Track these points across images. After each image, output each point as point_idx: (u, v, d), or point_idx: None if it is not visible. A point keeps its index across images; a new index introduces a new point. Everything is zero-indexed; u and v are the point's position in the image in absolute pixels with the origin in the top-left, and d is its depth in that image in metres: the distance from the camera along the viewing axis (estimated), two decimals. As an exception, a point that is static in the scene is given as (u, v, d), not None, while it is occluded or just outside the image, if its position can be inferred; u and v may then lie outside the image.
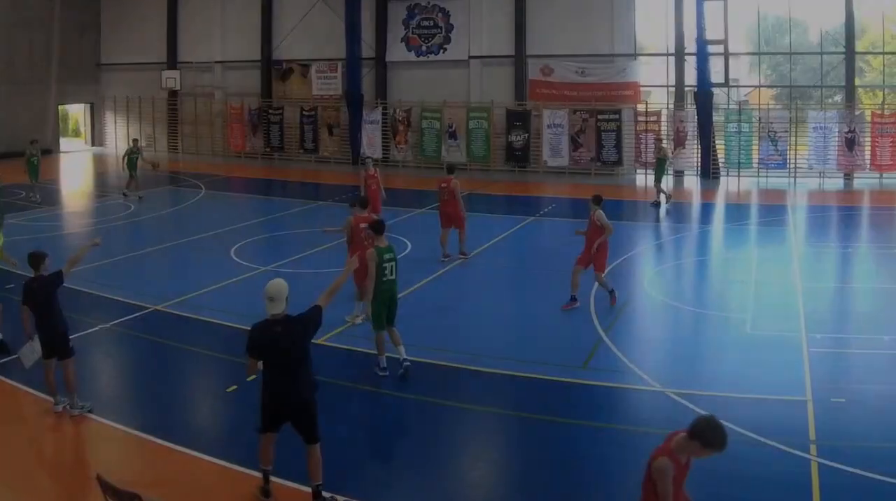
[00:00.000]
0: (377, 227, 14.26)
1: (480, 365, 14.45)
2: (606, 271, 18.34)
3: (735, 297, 18.80)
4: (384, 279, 13.71)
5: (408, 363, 13.89)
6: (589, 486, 10.49)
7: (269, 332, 9.25)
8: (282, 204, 32.95)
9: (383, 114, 43.38)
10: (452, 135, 41.85)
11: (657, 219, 29.85)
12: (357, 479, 10.60)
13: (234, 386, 13.41)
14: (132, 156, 32.92)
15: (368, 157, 28.29)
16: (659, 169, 32.25)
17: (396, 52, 43.86)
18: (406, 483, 10.80)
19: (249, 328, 9.67)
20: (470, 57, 42.12)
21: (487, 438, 12.28)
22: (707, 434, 7.08)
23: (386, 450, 11.91)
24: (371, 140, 43.54)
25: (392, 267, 13.80)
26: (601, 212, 17.75)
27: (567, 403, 13.11)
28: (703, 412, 11.32)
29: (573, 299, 17.89)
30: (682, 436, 7.16)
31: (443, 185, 22.77)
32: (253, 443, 10.14)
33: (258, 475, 10.00)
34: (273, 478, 9.95)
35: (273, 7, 46.15)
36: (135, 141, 35.06)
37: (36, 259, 12.71)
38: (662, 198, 31.91)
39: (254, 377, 9.95)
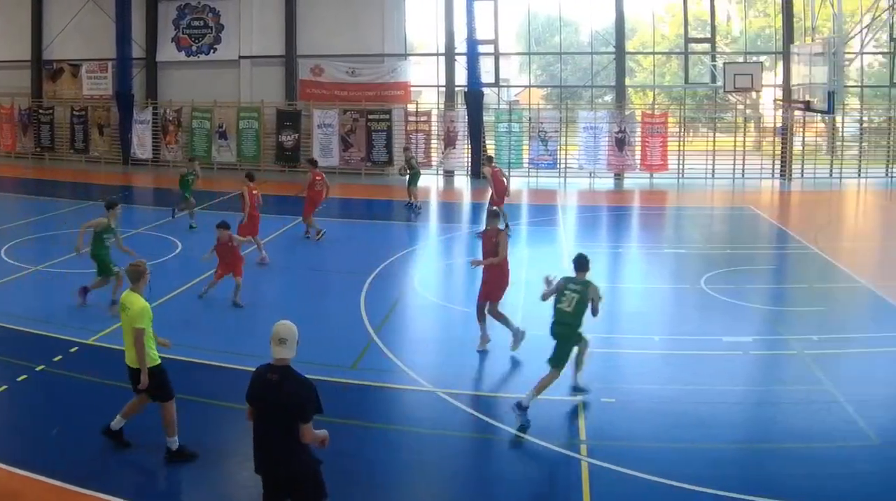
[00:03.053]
0: None
1: (249, 365, 12.21)
2: None
3: (506, 298, 16.87)
4: None
5: None
6: (358, 486, 9.72)
7: (263, 378, 7.58)
8: (52, 204, 29.88)
9: (154, 114, 39.70)
10: (223, 135, 38.61)
11: (427, 220, 28.01)
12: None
13: (5, 387, 12.18)
14: None
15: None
16: (412, 176, 28.98)
17: (167, 52, 39.98)
18: (184, 481, 10.00)
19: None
20: (240, 57, 38.86)
21: None
22: None
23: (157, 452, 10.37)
24: (141, 140, 39.78)
25: None
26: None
27: (337, 403, 11.26)
28: (472, 412, 11.69)
29: None
30: None
31: (317, 178, 23.30)
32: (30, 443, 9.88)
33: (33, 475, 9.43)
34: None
35: (43, 7, 41.59)
36: None
37: None
38: (414, 202, 28.89)
39: None
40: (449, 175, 37.45)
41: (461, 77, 36.88)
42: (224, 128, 38.39)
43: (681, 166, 36.17)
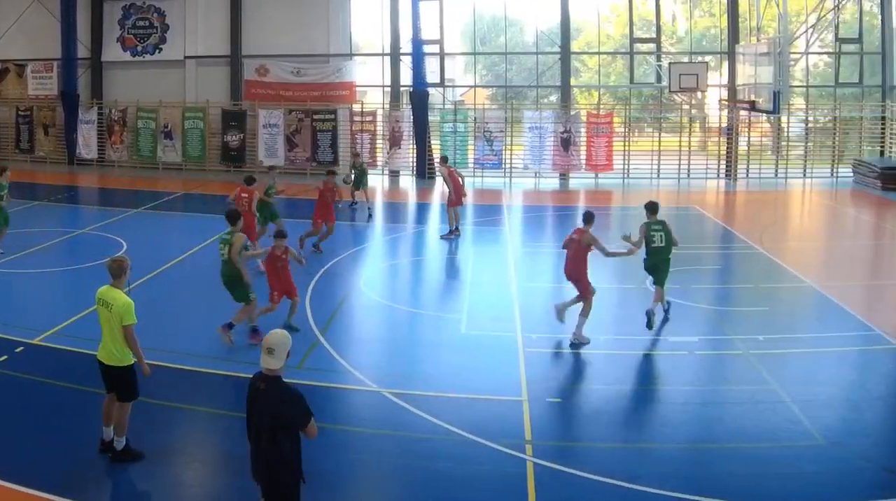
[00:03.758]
0: None
1: (192, 365, 13.34)
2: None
3: (451, 297, 17.88)
4: None
5: None
6: (305, 487, 8.70)
7: (253, 386, 7.46)
8: (-4, 204, 29.57)
9: (99, 114, 38.74)
10: (168, 135, 37.73)
11: (371, 220, 27.15)
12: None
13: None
14: None
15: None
16: (358, 177, 28.18)
17: (112, 51, 38.97)
18: (108, 477, 9.73)
19: None
20: (185, 57, 37.95)
21: (202, 437, 11.25)
22: None
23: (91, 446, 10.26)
24: (87, 140, 38.76)
25: None
26: None
27: None
28: (418, 412, 11.51)
29: None
30: None
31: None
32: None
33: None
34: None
35: (-12, 7, 40.82)
36: None
37: None
38: (361, 204, 28.31)
39: None
40: (394, 175, 36.83)
41: (406, 77, 36.29)
42: (169, 128, 37.56)
43: (626, 166, 35.78)
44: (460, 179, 23.56)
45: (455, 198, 23.16)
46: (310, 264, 18.87)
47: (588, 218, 14.81)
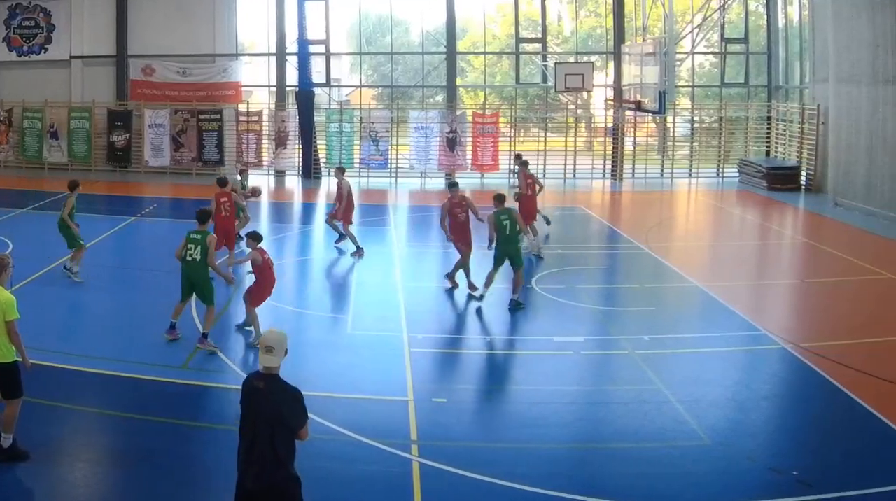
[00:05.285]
0: None
1: (81, 365, 12.82)
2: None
3: (337, 297, 17.56)
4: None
5: None
6: (193, 486, 9.29)
7: (251, 385, 7.16)
8: None
9: None
10: (54, 135, 36.26)
11: (257, 219, 25.64)
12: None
13: None
14: None
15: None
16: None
17: None
18: (15, 481, 9.26)
19: None
20: (72, 57, 36.49)
21: (89, 438, 10.70)
22: None
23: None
24: None
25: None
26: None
27: (167, 404, 11.65)
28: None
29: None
30: None
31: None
32: None
33: None
34: None
35: None
36: None
37: None
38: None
39: None
40: (280, 175, 35.82)
41: (292, 77, 35.31)
42: (55, 128, 36.18)
43: (511, 166, 34.05)
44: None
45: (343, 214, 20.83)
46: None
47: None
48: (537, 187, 21.83)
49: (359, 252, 20.43)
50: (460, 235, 17.35)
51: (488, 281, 16.36)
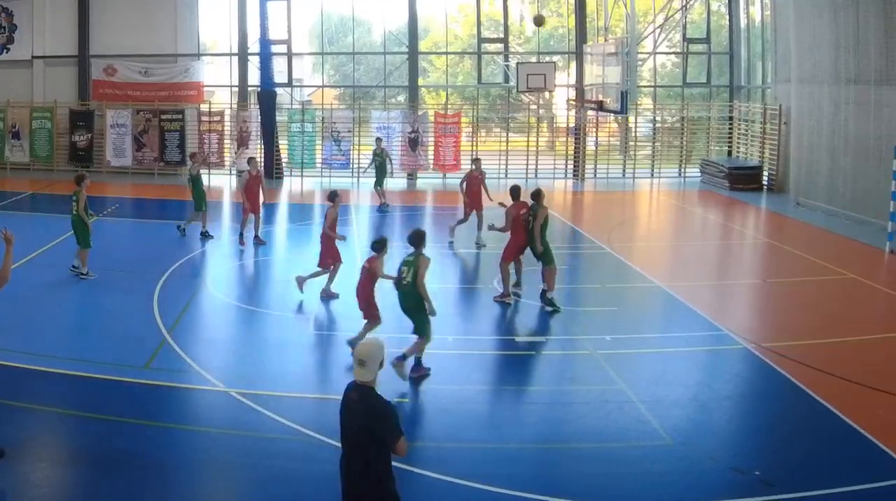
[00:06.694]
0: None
1: (41, 365, 12.62)
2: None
3: (298, 298, 16.99)
4: None
5: None
6: (152, 486, 9.18)
7: (346, 398, 7.08)
8: None
9: None
10: (16, 135, 35.65)
11: (218, 219, 26.54)
12: None
13: None
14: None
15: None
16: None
17: None
18: None
19: None
20: (34, 57, 35.84)
21: (49, 439, 10.59)
22: None
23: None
24: None
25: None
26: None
27: (129, 404, 11.47)
28: (266, 412, 11.17)
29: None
30: None
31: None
32: None
33: None
34: None
35: None
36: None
37: None
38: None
39: None
40: (241, 175, 34.40)
41: (254, 77, 34.90)
42: (17, 128, 35.52)
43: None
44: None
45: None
46: (156, 263, 19.02)
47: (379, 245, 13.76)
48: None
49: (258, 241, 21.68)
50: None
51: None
